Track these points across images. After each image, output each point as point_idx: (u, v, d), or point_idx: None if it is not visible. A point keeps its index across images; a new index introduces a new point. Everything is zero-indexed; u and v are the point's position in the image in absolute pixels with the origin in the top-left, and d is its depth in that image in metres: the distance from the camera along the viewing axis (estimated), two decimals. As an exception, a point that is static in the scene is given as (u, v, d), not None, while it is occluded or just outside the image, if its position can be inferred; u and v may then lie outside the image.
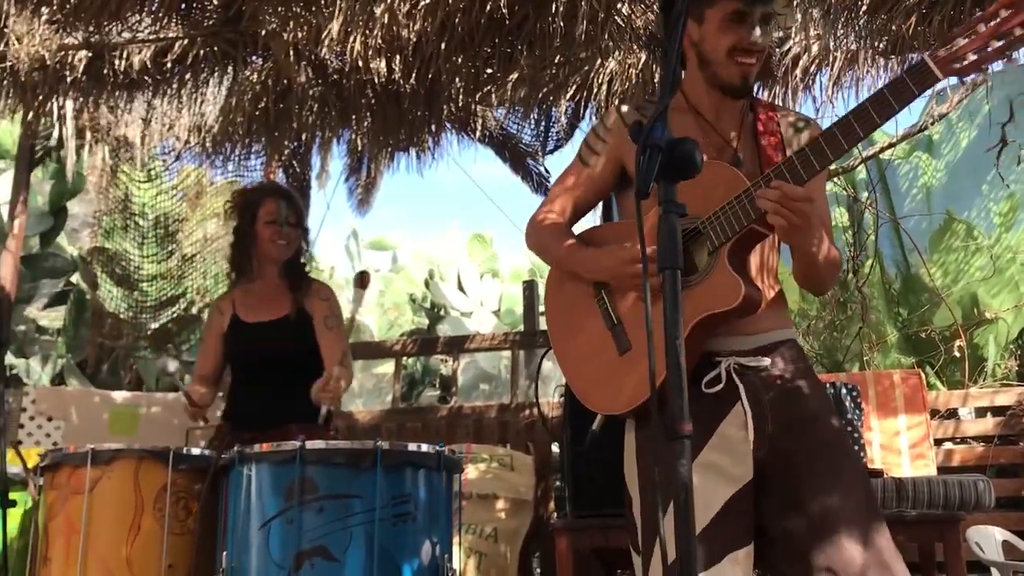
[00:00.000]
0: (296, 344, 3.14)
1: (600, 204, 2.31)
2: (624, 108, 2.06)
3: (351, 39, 3.89)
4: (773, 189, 1.70)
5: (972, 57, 1.64)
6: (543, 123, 5.82)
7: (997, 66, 4.79)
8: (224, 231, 5.99)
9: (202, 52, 4.22)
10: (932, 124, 5.41)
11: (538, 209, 2.15)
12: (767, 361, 1.88)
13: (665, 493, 1.69)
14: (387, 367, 8.29)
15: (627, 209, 2.09)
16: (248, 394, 3.19)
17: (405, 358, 6.61)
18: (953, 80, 4.85)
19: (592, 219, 2.38)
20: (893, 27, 4.08)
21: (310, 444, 2.33)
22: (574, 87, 4.86)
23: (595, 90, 4.76)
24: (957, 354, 5.36)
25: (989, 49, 1.63)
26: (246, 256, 3.26)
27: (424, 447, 2.45)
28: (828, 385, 4.24)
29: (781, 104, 4.27)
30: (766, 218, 1.72)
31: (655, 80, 4.46)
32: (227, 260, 3.41)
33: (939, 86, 4.95)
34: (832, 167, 5.66)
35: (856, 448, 3.78)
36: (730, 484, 1.79)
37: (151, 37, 4.17)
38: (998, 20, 1.62)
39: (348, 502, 2.30)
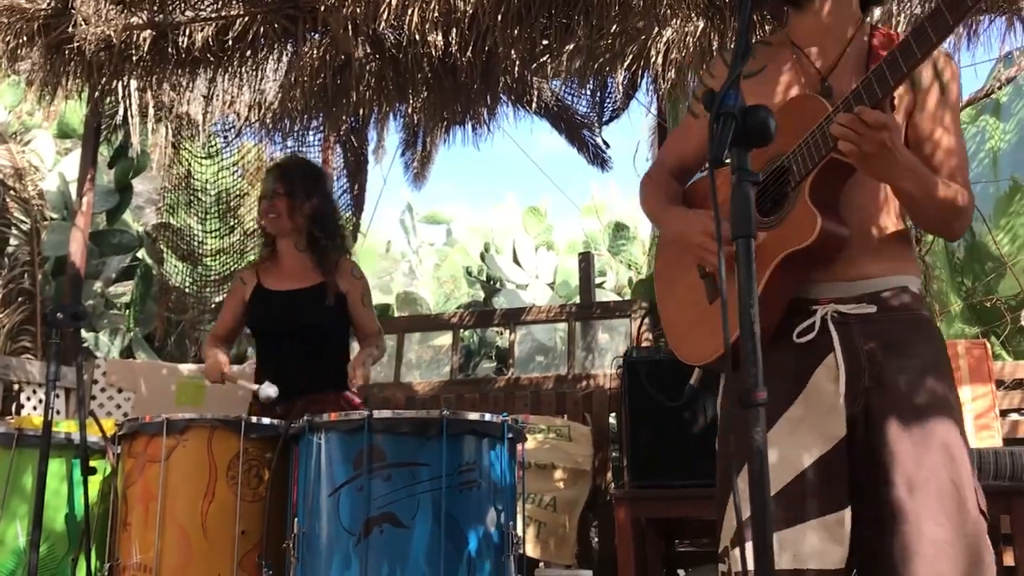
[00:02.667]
0: (320, 314, 3.25)
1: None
2: (727, 53, 2.04)
3: (408, 13, 3.91)
4: (847, 114, 1.60)
5: None
6: (599, 94, 5.80)
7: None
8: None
9: (262, 29, 4.26)
10: (1000, 88, 5.27)
11: (649, 167, 2.16)
12: (873, 308, 1.76)
13: (739, 458, 1.66)
14: (444, 339, 8.37)
15: None
16: (269, 364, 3.29)
17: (462, 330, 6.66)
18: (1021, 42, 4.69)
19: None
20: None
21: (377, 413, 2.39)
22: (630, 57, 4.81)
23: (652, 59, 4.72)
24: (1024, 323, 5.25)
25: None
26: (266, 235, 3.44)
27: (488, 416, 2.49)
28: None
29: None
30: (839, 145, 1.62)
31: (713, 49, 4.41)
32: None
33: (1007, 49, 4.83)
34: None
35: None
36: (821, 442, 1.70)
37: (213, 16, 4.23)
38: None
39: (415, 470, 2.36)
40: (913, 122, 1.84)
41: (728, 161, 1.25)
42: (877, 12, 4.24)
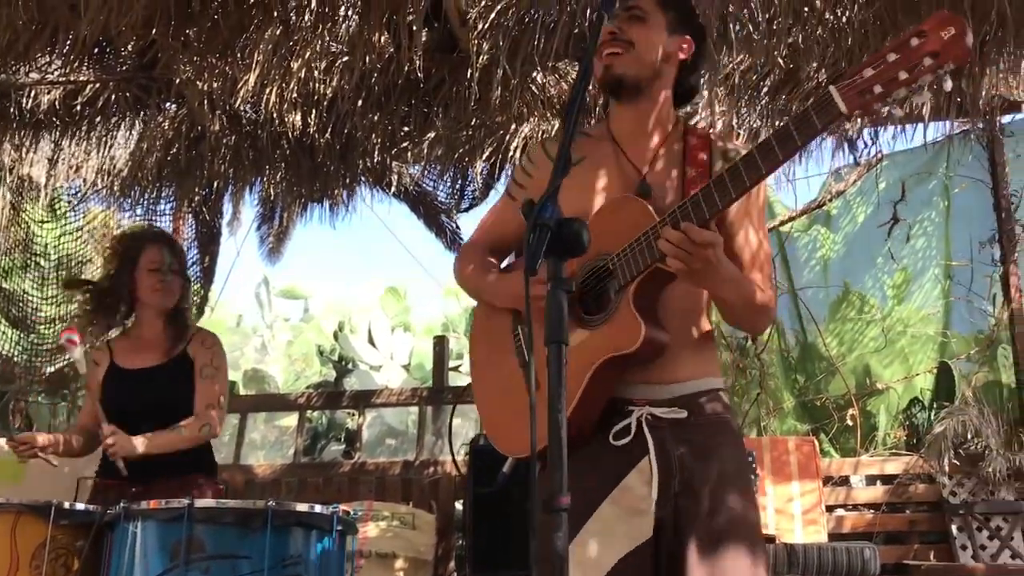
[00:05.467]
0: (174, 392, 3.09)
1: None
2: (548, 142, 2.07)
3: (267, 91, 3.91)
4: (675, 231, 1.64)
5: (878, 89, 1.49)
6: (459, 182, 5.89)
7: (892, 147, 5.07)
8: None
9: (114, 96, 4.16)
10: (830, 201, 5.66)
11: (465, 243, 2.16)
12: (684, 413, 1.80)
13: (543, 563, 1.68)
14: (291, 420, 8.15)
15: None
16: None
17: (310, 411, 6.51)
18: (849, 160, 5.06)
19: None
20: (793, 107, 4.29)
21: (199, 502, 2.29)
22: (490, 149, 4.94)
23: (511, 153, 4.85)
24: (850, 422, 5.55)
25: (897, 79, 1.48)
26: (124, 303, 3.21)
27: (318, 508, 2.43)
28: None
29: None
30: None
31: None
32: (94, 305, 3.26)
33: (836, 165, 5.21)
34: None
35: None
36: (627, 542, 1.72)
37: (61, 80, 4.10)
38: (907, 50, 1.48)
39: (236, 563, 2.26)
40: (724, 225, 1.91)
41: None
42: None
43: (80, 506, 2.51)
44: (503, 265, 2.13)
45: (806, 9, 3.17)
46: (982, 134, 5.33)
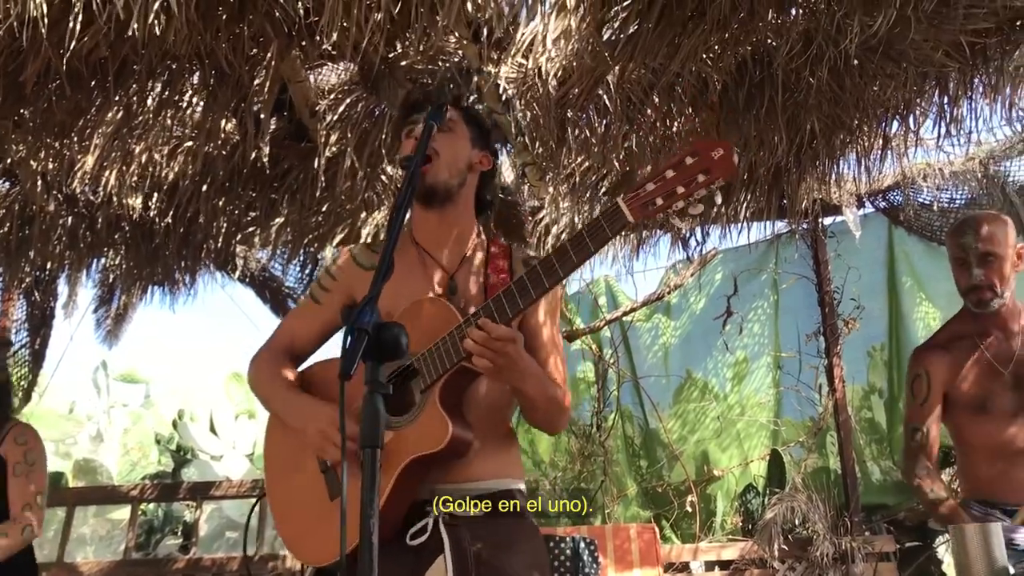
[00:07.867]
0: None
1: None
2: (356, 248, 2.10)
3: (106, 174, 3.80)
4: (477, 330, 1.71)
5: (660, 201, 1.65)
6: (308, 267, 5.84)
7: (724, 244, 5.36)
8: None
9: (-63, 173, 3.97)
10: (669, 293, 5.91)
11: (264, 343, 2.11)
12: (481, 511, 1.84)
13: None
14: (124, 513, 7.71)
15: None
16: None
17: (144, 504, 6.18)
18: (681, 256, 5.30)
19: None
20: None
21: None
22: (341, 235, 4.94)
23: (363, 238, 4.86)
24: (690, 508, 5.69)
25: (675, 193, 1.64)
26: None
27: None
28: (568, 539, 4.38)
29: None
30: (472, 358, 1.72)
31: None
32: None
33: (673, 260, 5.46)
34: (580, 325, 6.03)
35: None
36: None
37: None
38: (683, 168, 1.64)
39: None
40: (526, 328, 1.99)
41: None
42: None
43: None
44: (301, 367, 2.10)
45: (639, 116, 3.37)
46: (806, 234, 5.74)
